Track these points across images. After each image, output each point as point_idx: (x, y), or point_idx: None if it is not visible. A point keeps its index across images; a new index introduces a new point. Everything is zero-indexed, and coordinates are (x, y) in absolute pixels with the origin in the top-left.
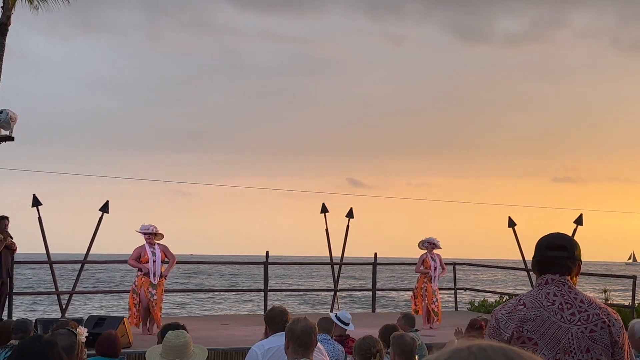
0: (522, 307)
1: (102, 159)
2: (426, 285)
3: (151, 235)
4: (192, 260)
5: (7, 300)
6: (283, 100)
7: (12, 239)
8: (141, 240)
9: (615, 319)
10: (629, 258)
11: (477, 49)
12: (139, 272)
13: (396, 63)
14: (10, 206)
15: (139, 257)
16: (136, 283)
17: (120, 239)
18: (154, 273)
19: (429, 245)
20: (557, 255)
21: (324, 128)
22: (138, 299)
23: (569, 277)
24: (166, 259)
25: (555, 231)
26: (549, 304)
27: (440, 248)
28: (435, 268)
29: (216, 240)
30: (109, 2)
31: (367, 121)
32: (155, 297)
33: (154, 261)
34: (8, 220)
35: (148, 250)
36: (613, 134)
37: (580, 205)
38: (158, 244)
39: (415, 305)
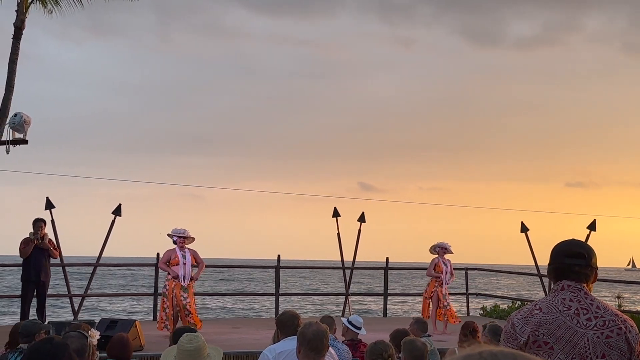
0: (538, 311)
1: (114, 162)
2: (437, 289)
3: (184, 239)
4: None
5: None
6: (294, 104)
7: (42, 241)
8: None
9: (631, 326)
10: (628, 264)
11: (488, 53)
12: (169, 276)
13: (406, 66)
14: (24, 209)
15: (169, 260)
16: (167, 287)
17: (132, 241)
18: (184, 276)
19: (441, 249)
20: (575, 263)
21: (335, 131)
22: (168, 304)
23: (585, 284)
24: (195, 264)
25: (570, 237)
26: (565, 309)
27: (451, 253)
28: (447, 272)
29: (227, 244)
30: (121, 5)
31: (378, 125)
32: (188, 300)
33: (184, 264)
34: (44, 223)
35: (179, 253)
36: (625, 139)
37: (592, 210)
38: (188, 248)
39: (424, 313)
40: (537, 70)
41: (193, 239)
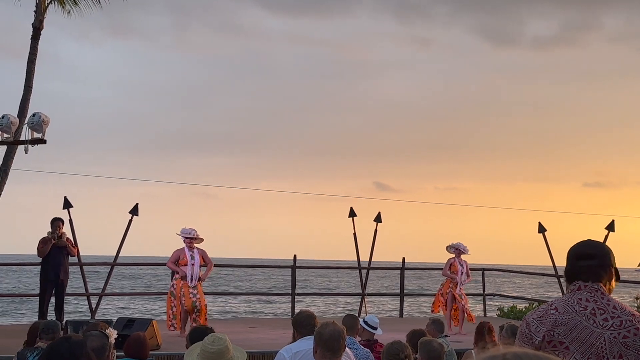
0: (554, 311)
1: (132, 162)
2: (451, 290)
3: (192, 239)
4: (219, 264)
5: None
6: (310, 103)
7: (60, 239)
8: (180, 243)
9: None
10: (639, 265)
11: (506, 52)
12: (177, 275)
13: (423, 66)
14: (42, 208)
15: (177, 260)
16: (174, 286)
17: (148, 241)
18: (192, 276)
19: (456, 250)
20: (586, 264)
21: (351, 131)
22: (175, 302)
23: (602, 284)
24: (204, 264)
25: (587, 238)
26: (581, 309)
27: (467, 254)
28: (462, 273)
29: (243, 244)
30: (138, 6)
31: (394, 124)
32: (198, 297)
33: (192, 264)
34: (62, 223)
35: (187, 253)
36: None
37: (611, 210)
38: (197, 248)
39: (434, 308)
40: (555, 69)
41: (201, 239)
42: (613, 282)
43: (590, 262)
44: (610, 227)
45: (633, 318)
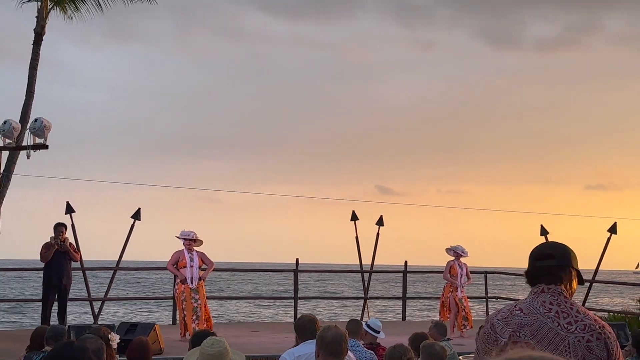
0: (519, 312)
1: (134, 166)
2: (452, 294)
3: (191, 241)
4: (222, 268)
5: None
6: (312, 107)
7: (63, 244)
8: (179, 245)
9: (609, 332)
10: (637, 267)
11: (508, 55)
12: (178, 279)
13: (426, 69)
14: (44, 213)
15: (176, 262)
16: (177, 292)
17: (151, 245)
18: (192, 278)
19: (455, 253)
20: (544, 264)
21: (353, 134)
22: (179, 308)
23: (563, 287)
24: (204, 266)
25: (591, 240)
26: (545, 311)
27: (466, 256)
28: (462, 276)
29: (245, 248)
30: (140, 10)
31: (396, 127)
32: (199, 302)
33: (192, 266)
34: (65, 228)
35: (186, 255)
36: None
37: (613, 212)
38: (196, 250)
39: (441, 315)
40: (558, 71)
41: (201, 241)
42: (575, 284)
43: (548, 262)
44: (613, 230)
45: (595, 323)
